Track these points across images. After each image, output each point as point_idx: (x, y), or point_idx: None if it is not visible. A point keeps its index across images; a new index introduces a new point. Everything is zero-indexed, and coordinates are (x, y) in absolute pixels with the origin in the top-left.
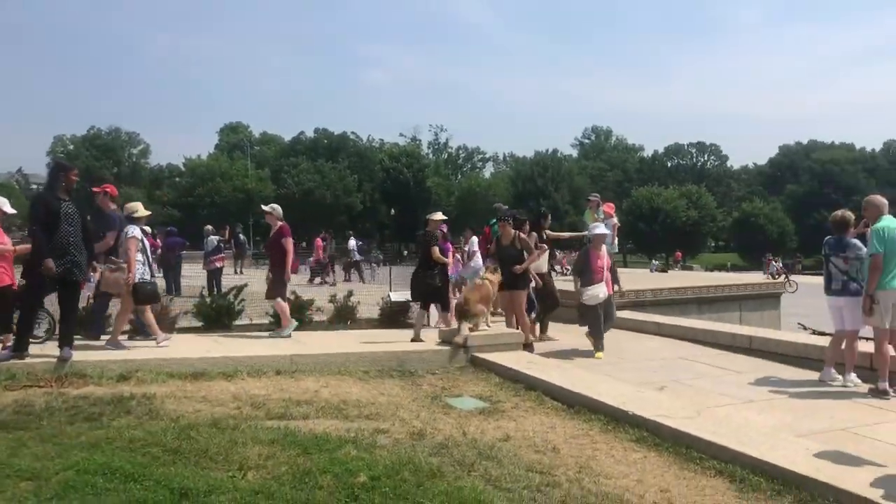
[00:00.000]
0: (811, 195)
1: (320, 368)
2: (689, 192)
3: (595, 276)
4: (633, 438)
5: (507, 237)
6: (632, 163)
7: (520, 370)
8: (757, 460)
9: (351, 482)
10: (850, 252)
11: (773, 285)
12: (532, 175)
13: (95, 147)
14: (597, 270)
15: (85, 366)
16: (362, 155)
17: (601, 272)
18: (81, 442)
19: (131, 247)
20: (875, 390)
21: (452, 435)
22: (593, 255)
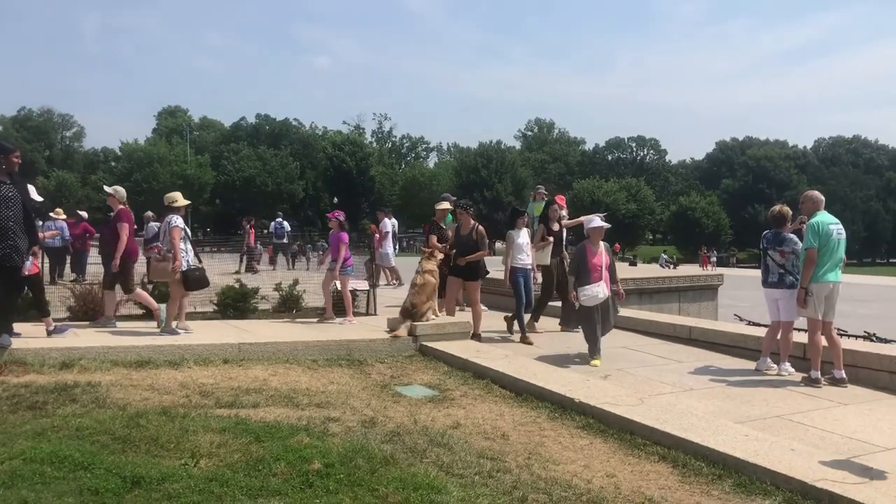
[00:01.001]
0: (746, 190)
1: (268, 357)
2: (629, 185)
3: (592, 275)
4: (579, 425)
5: (466, 227)
6: (574, 155)
7: (468, 359)
8: (698, 446)
9: (305, 469)
10: (786, 246)
11: (711, 278)
12: (476, 166)
13: (26, 129)
14: (594, 268)
15: (25, 353)
16: (305, 142)
17: (599, 270)
18: (26, 431)
19: (175, 236)
20: (808, 379)
21: (404, 423)
22: (590, 252)
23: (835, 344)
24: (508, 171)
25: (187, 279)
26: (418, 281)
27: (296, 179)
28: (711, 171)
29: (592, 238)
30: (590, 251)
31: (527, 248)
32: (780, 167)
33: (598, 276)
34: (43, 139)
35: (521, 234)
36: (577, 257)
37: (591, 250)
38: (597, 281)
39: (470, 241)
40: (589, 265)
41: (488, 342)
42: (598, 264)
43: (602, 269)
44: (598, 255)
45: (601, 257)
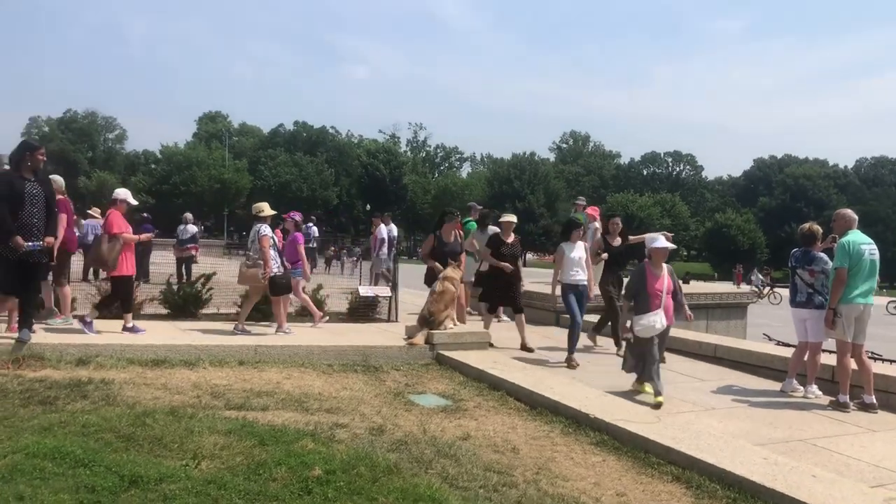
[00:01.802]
0: (783, 209)
1: (284, 360)
2: (664, 200)
3: (652, 301)
4: (593, 441)
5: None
6: (608, 169)
7: (484, 369)
8: (714, 467)
9: (306, 475)
10: (816, 265)
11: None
12: (509, 176)
13: (71, 130)
14: (654, 294)
15: (44, 348)
16: (341, 150)
17: (660, 296)
18: (33, 425)
19: (265, 244)
20: (836, 403)
21: (412, 432)
22: (650, 275)
23: (865, 368)
24: (541, 183)
25: (275, 284)
26: (438, 288)
27: (330, 186)
28: (748, 189)
29: (654, 259)
30: (650, 274)
31: (581, 263)
32: (819, 186)
33: (659, 302)
34: (86, 140)
35: (576, 248)
36: (636, 280)
37: (652, 273)
38: (656, 308)
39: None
40: (649, 290)
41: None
42: (660, 289)
43: (664, 294)
44: (661, 279)
45: (664, 281)
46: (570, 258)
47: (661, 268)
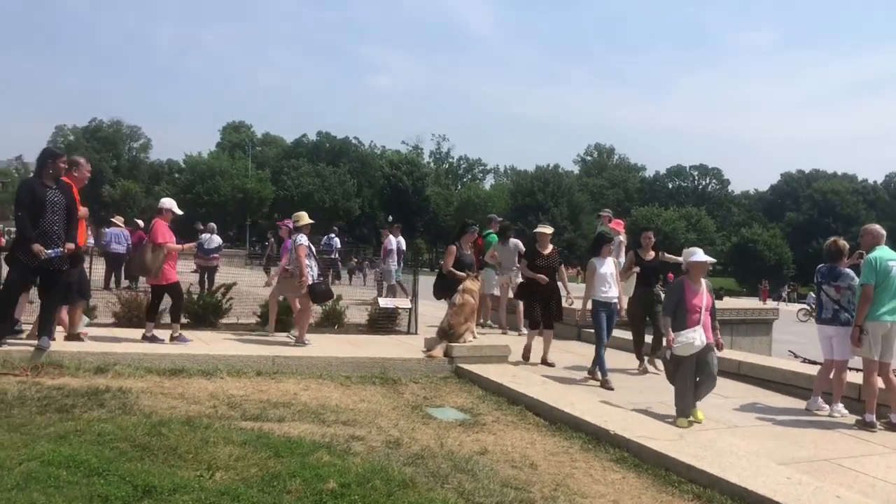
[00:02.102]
0: (811, 224)
1: (302, 371)
2: (689, 214)
3: (691, 318)
4: (613, 458)
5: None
6: (633, 182)
7: (503, 383)
8: (736, 486)
9: (320, 488)
10: (842, 281)
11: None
12: (532, 189)
13: (96, 139)
14: (693, 309)
15: (62, 356)
16: (363, 160)
17: (699, 312)
18: (50, 433)
19: (301, 253)
20: (862, 422)
21: (429, 445)
22: (689, 290)
23: (893, 386)
24: (565, 196)
25: (314, 292)
26: (458, 301)
27: (353, 197)
28: (775, 203)
29: (693, 274)
30: (689, 289)
31: (612, 279)
32: (847, 201)
33: (698, 318)
34: (111, 149)
35: (606, 264)
36: (674, 296)
37: (690, 288)
38: (695, 325)
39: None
40: (687, 305)
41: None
42: (699, 305)
43: (702, 311)
44: (699, 295)
45: (702, 297)
46: (601, 274)
47: (700, 283)
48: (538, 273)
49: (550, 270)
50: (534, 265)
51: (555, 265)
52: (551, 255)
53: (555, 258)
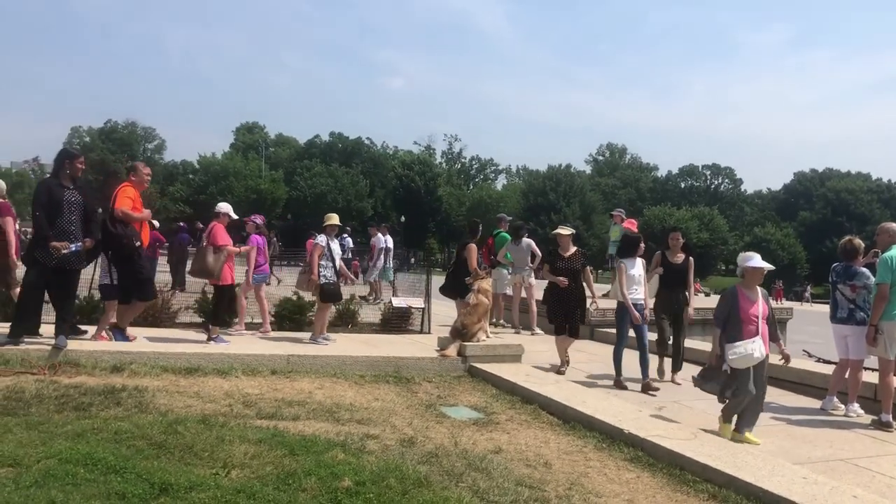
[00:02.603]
0: (824, 223)
1: (316, 370)
2: (702, 213)
3: (747, 328)
4: (627, 457)
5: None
6: (645, 182)
7: (517, 382)
8: (751, 486)
9: (335, 486)
10: (857, 280)
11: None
12: (544, 189)
13: (111, 140)
14: (749, 319)
15: (79, 355)
16: (376, 161)
17: (756, 322)
18: (67, 431)
19: (315, 252)
20: (878, 422)
21: (443, 444)
22: (744, 298)
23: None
24: (577, 196)
25: (324, 292)
26: (472, 301)
27: (365, 197)
28: (788, 203)
29: (748, 280)
30: (744, 297)
31: (641, 281)
32: (861, 200)
33: (755, 329)
34: (126, 150)
35: (636, 265)
36: (728, 304)
37: (745, 296)
38: (752, 336)
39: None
40: (742, 315)
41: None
42: (755, 315)
43: (759, 320)
44: (756, 304)
45: (759, 306)
46: (631, 275)
47: (756, 291)
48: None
49: (572, 273)
50: (555, 268)
51: (577, 267)
52: (573, 258)
53: (577, 260)
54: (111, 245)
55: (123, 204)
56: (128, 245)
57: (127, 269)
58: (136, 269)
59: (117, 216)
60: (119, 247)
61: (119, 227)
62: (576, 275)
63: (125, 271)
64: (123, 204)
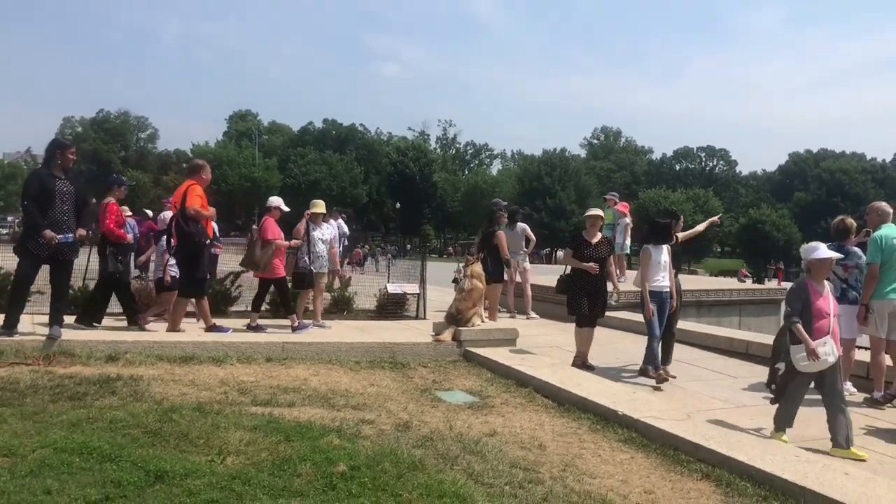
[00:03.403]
0: (819, 204)
1: (312, 357)
2: (697, 195)
3: (817, 325)
4: (621, 439)
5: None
6: (640, 165)
7: (511, 366)
8: (745, 465)
9: (330, 471)
10: (849, 260)
11: (773, 291)
12: (539, 173)
13: (104, 130)
14: (819, 315)
15: (73, 345)
16: (370, 147)
17: (826, 319)
18: (62, 420)
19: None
20: (870, 400)
21: (439, 428)
22: (813, 292)
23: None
24: (572, 180)
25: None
26: (466, 286)
27: (360, 184)
28: (783, 184)
29: (815, 273)
30: (813, 291)
31: (667, 268)
32: (856, 181)
33: (826, 326)
34: (119, 140)
35: (662, 251)
36: (798, 298)
37: (814, 290)
38: (823, 334)
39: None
40: (814, 310)
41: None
42: (825, 310)
43: (831, 318)
44: (825, 299)
45: (828, 300)
46: (656, 262)
47: (824, 284)
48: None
49: (599, 262)
50: (581, 255)
51: (604, 256)
52: (600, 245)
53: (604, 248)
54: (184, 242)
55: (194, 202)
56: (199, 243)
57: (192, 265)
58: (200, 266)
59: (189, 214)
60: (191, 244)
61: (191, 224)
62: (602, 264)
63: (191, 267)
64: (194, 202)
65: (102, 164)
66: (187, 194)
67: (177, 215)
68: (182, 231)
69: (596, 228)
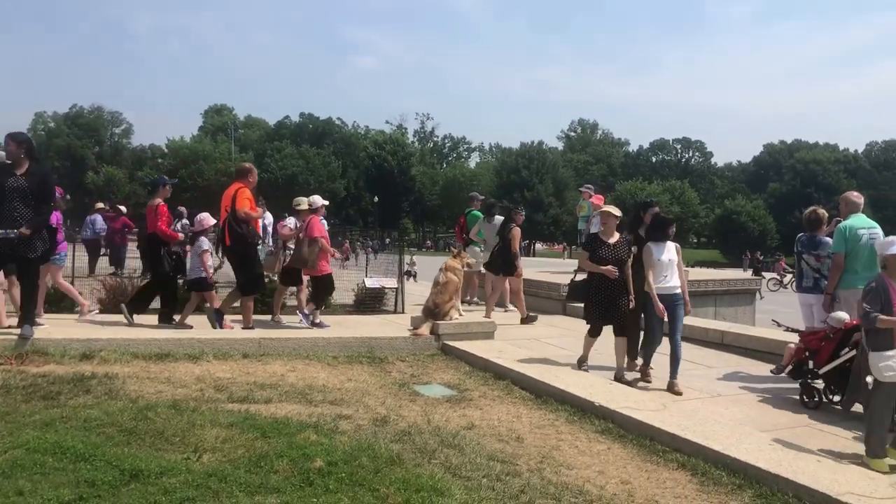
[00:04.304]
0: (793, 194)
1: (288, 353)
2: (673, 187)
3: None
4: (598, 430)
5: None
6: (617, 157)
7: (489, 359)
8: (719, 454)
9: (307, 467)
10: (821, 250)
11: (748, 282)
12: (517, 166)
13: (77, 125)
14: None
15: (47, 344)
16: (347, 141)
17: None
18: (35, 420)
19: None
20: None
21: (416, 422)
22: (894, 290)
23: None
24: (550, 172)
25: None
26: (441, 280)
27: (337, 178)
28: (758, 175)
29: (892, 270)
30: (893, 289)
31: (672, 267)
32: (829, 171)
33: None
34: (93, 136)
35: (666, 249)
36: (878, 298)
37: (894, 287)
38: None
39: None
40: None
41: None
42: None
43: None
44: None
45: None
46: (660, 261)
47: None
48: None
49: (617, 264)
50: (596, 257)
51: (623, 257)
52: (618, 246)
53: (623, 248)
54: (237, 243)
55: (244, 205)
56: (252, 243)
57: (246, 264)
58: (254, 264)
59: (240, 217)
60: (244, 244)
61: (243, 226)
62: (621, 265)
63: (244, 267)
64: (244, 205)
65: (76, 159)
66: (237, 197)
67: (228, 217)
68: (235, 232)
69: (612, 227)
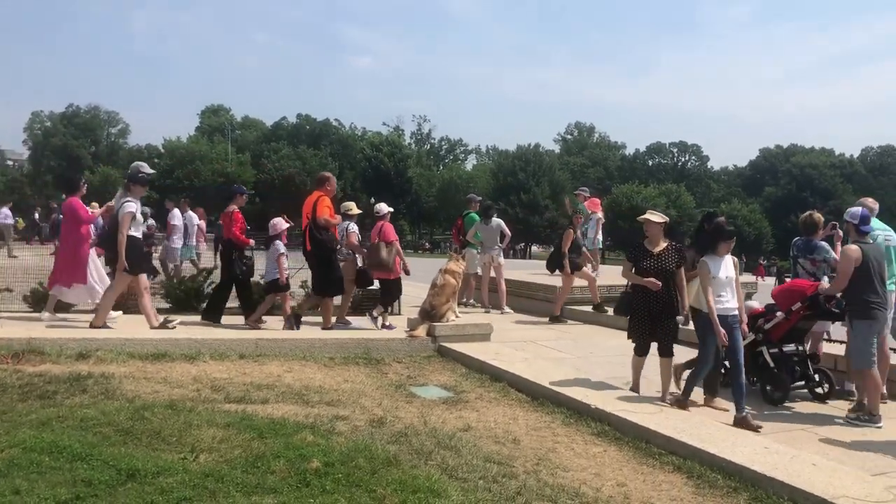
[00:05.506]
0: (789, 198)
1: (285, 353)
2: (669, 190)
3: None
4: (594, 432)
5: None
6: (613, 160)
7: (486, 361)
8: (715, 457)
9: (304, 468)
10: (817, 254)
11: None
12: (513, 169)
13: (74, 125)
14: None
15: (43, 343)
16: (344, 142)
17: None
18: (31, 420)
19: (353, 240)
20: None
21: (413, 423)
22: None
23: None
24: (546, 175)
25: (359, 276)
26: (439, 281)
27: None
28: (754, 179)
29: None
30: None
31: (731, 284)
32: (825, 175)
33: None
34: (90, 135)
35: (724, 265)
36: None
37: None
38: None
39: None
40: None
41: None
42: None
43: None
44: None
45: None
46: (717, 279)
47: None
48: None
49: (663, 274)
50: (640, 268)
51: (670, 267)
52: (664, 255)
53: (669, 258)
54: (318, 248)
55: (324, 213)
56: (332, 249)
57: (327, 268)
58: (334, 269)
59: (321, 224)
60: (325, 251)
61: (324, 233)
62: (668, 277)
63: (326, 270)
64: (324, 213)
65: (72, 159)
66: (317, 205)
67: (309, 224)
68: (315, 239)
69: (656, 234)
